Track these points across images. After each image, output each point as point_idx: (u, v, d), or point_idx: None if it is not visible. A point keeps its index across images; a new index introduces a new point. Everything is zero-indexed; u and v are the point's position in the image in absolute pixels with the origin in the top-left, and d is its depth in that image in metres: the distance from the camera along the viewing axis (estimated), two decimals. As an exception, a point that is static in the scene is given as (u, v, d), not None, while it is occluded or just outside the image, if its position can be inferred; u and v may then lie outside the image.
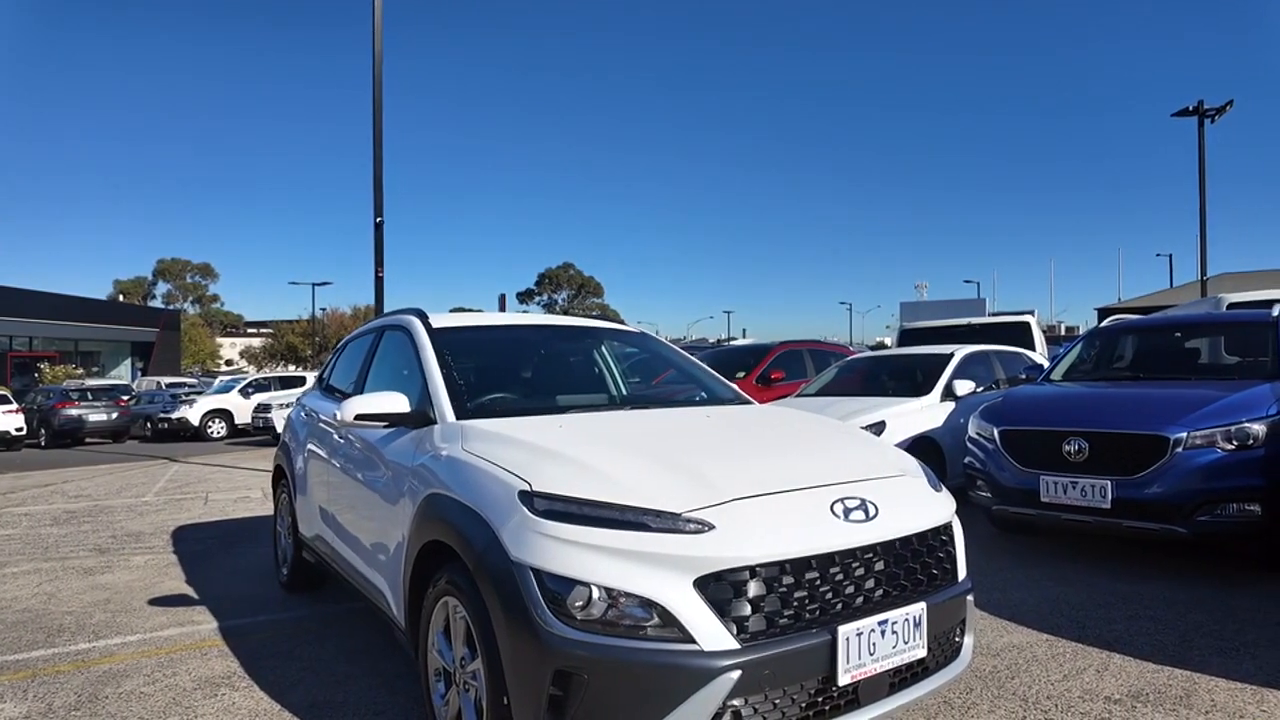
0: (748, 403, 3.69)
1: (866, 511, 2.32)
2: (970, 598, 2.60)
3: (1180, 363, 5.92)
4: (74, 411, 19.61)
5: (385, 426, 3.14)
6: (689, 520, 2.13)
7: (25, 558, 5.98)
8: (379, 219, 9.73)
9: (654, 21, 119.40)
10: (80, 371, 35.62)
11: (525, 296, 75.75)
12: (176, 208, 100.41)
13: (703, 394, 3.79)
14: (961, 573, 2.61)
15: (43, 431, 19.74)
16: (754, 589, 2.09)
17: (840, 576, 2.22)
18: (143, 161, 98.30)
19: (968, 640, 2.63)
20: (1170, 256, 43.99)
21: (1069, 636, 3.64)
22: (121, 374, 41.21)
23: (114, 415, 20.26)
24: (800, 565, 2.15)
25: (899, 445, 6.27)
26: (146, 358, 43.91)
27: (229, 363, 70.61)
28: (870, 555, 2.29)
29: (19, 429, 19.28)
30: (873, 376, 7.71)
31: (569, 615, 2.05)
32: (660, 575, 2.05)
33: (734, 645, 2.02)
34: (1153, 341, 6.31)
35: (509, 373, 3.72)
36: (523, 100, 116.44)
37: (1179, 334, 6.27)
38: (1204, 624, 3.74)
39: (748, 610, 2.07)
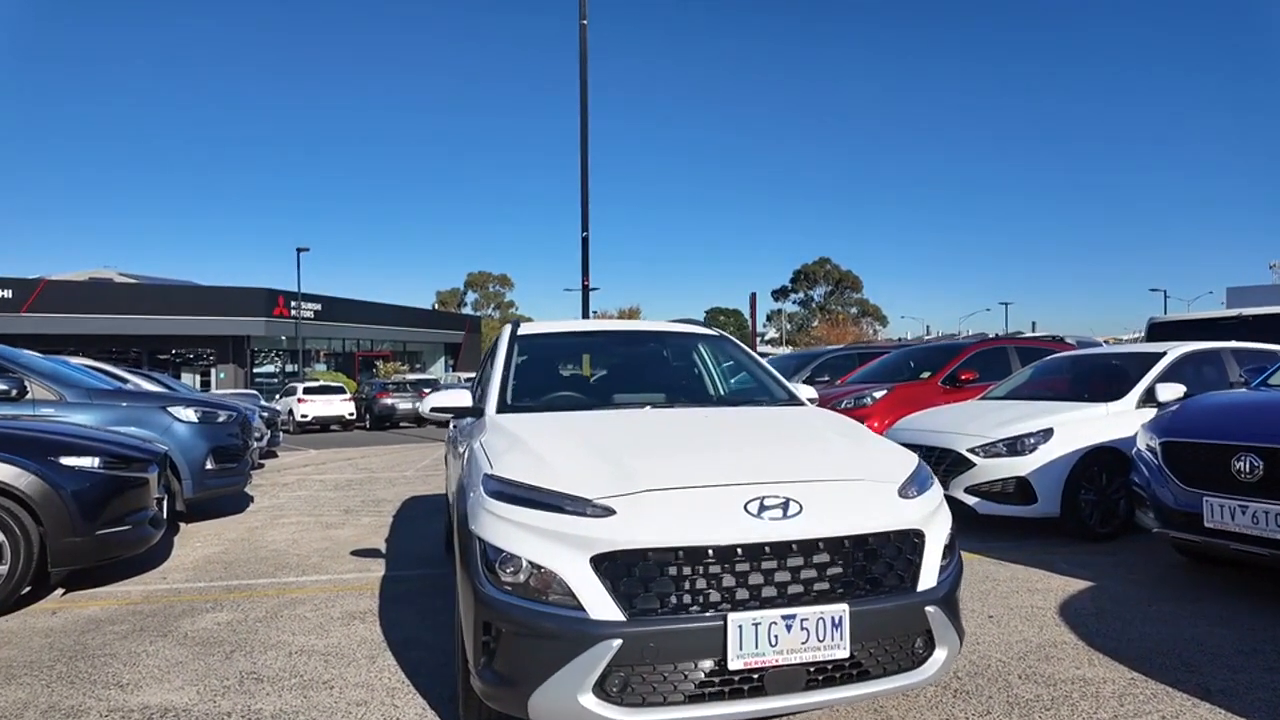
0: (797, 404, 3.75)
1: (785, 510, 2.41)
2: (933, 609, 2.51)
3: None
4: (387, 401, 24.06)
5: (456, 416, 3.79)
6: (595, 506, 2.42)
7: (298, 512, 7.76)
8: (585, 234, 10.76)
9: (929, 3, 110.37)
10: (405, 368, 43.02)
11: (780, 294, 75.49)
12: (482, 226, 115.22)
13: (760, 395, 3.93)
14: (925, 583, 2.53)
15: (367, 416, 24.44)
16: (644, 570, 2.32)
17: (744, 568, 2.35)
18: (456, 186, 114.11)
19: (938, 653, 2.54)
20: None
21: (1163, 680, 3.17)
22: (437, 370, 48.88)
23: (416, 404, 24.36)
24: (695, 553, 2.33)
25: (1069, 454, 5.66)
26: (456, 356, 51.74)
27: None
28: (783, 551, 2.37)
29: (351, 414, 24.30)
30: (1069, 378, 6.89)
31: (498, 579, 2.46)
32: (566, 552, 2.37)
33: (619, 617, 2.28)
34: None
35: (577, 371, 4.20)
36: (772, 93, 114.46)
37: None
38: (1370, 689, 3.03)
39: (639, 589, 2.31)
